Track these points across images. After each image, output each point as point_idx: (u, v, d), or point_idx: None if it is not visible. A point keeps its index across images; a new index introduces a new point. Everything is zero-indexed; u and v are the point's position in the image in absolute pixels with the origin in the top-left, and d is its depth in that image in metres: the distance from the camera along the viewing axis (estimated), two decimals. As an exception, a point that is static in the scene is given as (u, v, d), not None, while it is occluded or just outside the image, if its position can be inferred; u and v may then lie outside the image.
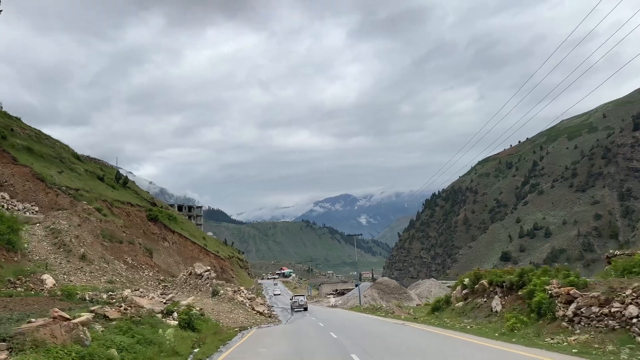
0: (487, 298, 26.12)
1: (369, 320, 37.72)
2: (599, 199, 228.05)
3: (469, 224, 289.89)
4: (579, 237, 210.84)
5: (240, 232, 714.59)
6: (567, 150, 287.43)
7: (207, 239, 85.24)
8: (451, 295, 32.60)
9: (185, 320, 22.63)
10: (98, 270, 30.85)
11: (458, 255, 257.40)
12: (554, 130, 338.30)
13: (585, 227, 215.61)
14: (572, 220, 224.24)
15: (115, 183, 69.50)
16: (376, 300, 68.17)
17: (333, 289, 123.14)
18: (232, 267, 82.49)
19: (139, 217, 57.86)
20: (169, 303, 27.14)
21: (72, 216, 35.77)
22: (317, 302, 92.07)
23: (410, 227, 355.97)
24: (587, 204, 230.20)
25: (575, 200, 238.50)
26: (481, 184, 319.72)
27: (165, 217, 68.87)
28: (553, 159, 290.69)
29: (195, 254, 68.11)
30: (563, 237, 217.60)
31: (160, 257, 52.01)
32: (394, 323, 31.52)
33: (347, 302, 77.67)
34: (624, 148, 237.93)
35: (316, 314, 51.05)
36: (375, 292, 73.18)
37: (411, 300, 72.71)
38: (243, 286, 62.45)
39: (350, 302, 75.26)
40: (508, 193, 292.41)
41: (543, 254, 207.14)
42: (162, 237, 61.95)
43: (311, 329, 29.99)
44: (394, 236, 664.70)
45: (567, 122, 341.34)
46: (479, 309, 26.40)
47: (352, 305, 71.68)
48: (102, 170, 73.49)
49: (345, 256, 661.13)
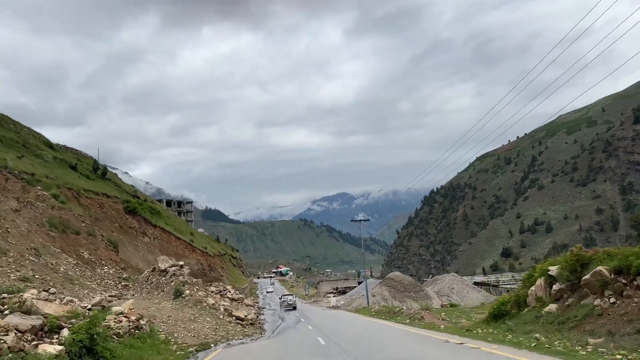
0: (618, 297, 15.73)
1: (391, 330, 27.11)
2: (600, 193, 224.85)
3: (468, 220, 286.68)
4: (581, 232, 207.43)
5: (238, 232, 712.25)
6: (567, 145, 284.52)
7: (195, 235, 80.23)
8: (526, 293, 21.45)
9: (82, 344, 13.34)
10: (14, 262, 25.72)
11: (458, 251, 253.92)
12: (553, 125, 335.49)
13: (587, 222, 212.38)
14: (574, 215, 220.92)
15: (92, 173, 64.84)
16: (387, 299, 59.60)
17: (333, 287, 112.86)
18: (222, 265, 78.01)
19: (114, 209, 53.23)
20: (96, 308, 20.75)
21: (8, 200, 31.52)
22: (315, 303, 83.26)
23: (408, 224, 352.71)
24: (589, 199, 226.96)
25: (576, 195, 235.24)
26: (480, 179, 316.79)
27: (146, 210, 64.37)
28: (552, 153, 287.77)
29: (180, 250, 63.92)
30: (565, 232, 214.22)
31: (138, 253, 47.87)
32: (441, 340, 20.53)
33: (351, 303, 67.52)
34: (624, 141, 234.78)
35: (314, 319, 41.16)
36: (386, 290, 62.81)
37: (430, 300, 60.10)
38: (232, 285, 58.27)
39: (356, 303, 65.37)
40: (507, 188, 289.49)
41: (545, 249, 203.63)
42: (141, 232, 57.18)
43: (307, 347, 21.47)
44: (392, 234, 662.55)
45: (565, 117, 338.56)
46: (603, 319, 15.70)
47: (357, 306, 61.24)
48: (79, 160, 69.18)
49: (343, 254, 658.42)
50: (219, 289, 44.06)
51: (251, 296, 73.22)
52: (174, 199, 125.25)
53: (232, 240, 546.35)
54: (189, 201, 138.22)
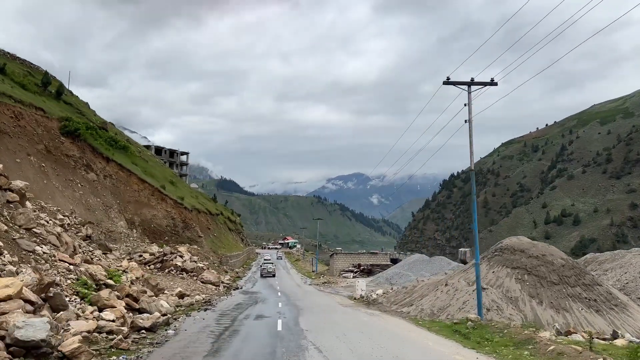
0: None
1: None
2: (636, 187, 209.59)
3: (489, 207, 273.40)
4: (612, 227, 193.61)
5: (251, 204, 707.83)
6: (600, 135, 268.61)
7: (178, 185, 66.07)
8: None
9: None
10: None
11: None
12: (585, 114, 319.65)
13: (619, 217, 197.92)
14: (605, 208, 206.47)
15: (38, 87, 52.59)
16: (516, 302, 26.05)
17: (353, 262, 76.79)
18: (209, 225, 64.78)
19: (42, 126, 40.24)
20: None
21: None
22: (326, 288, 52.18)
23: (425, 207, 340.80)
24: (622, 192, 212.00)
25: (609, 188, 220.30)
26: (504, 166, 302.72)
27: (100, 138, 49.89)
28: (583, 143, 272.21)
29: (143, 197, 49.00)
30: (594, 226, 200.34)
31: (73, 192, 37.37)
32: None
33: (406, 297, 33.17)
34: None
35: None
36: (513, 280, 27.48)
37: (625, 310, 26.43)
38: (216, 250, 46.57)
39: (410, 297, 32.65)
40: (533, 177, 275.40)
41: (571, 242, 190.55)
42: (84, 164, 42.90)
43: None
44: (405, 217, 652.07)
45: (599, 107, 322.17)
46: None
47: (422, 305, 28.98)
48: (31, 73, 56.72)
49: (355, 234, 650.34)
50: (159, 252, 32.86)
51: (242, 267, 61.72)
52: (165, 148, 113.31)
53: (245, 211, 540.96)
54: (184, 152, 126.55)
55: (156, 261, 36.82)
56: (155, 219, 47.91)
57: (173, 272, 36.61)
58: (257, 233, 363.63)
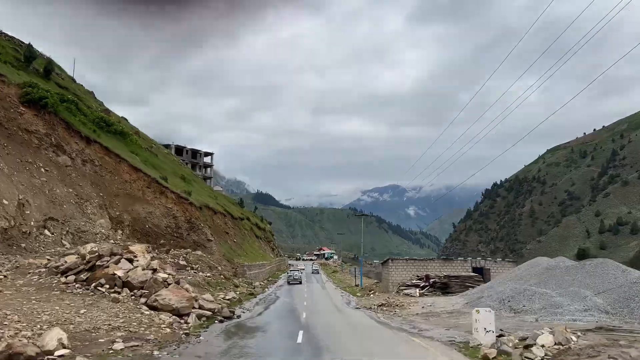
0: None
1: None
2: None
3: (535, 217, 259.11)
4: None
5: (287, 217, 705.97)
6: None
7: (191, 182, 56.34)
8: None
9: None
10: None
11: (525, 250, 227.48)
12: (637, 117, 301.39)
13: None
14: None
15: (20, 63, 43.47)
16: None
17: (417, 273, 53.64)
18: (226, 230, 55.25)
19: None
20: None
21: None
22: (384, 312, 33.60)
23: (466, 218, 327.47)
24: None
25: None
26: (550, 173, 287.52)
27: (78, 113, 40.23)
28: (637, 147, 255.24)
29: (137, 189, 39.88)
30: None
31: (31, 179, 29.30)
32: None
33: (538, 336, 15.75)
34: None
35: None
36: None
37: None
38: (225, 254, 38.11)
39: None
40: (582, 184, 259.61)
41: (629, 252, 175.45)
42: (52, 144, 34.05)
43: None
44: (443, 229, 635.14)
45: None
46: None
47: None
48: (17, 50, 49.94)
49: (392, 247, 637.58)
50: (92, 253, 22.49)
51: (266, 280, 53.24)
52: (187, 147, 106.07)
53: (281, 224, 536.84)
54: (209, 153, 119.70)
55: (82, 269, 23.87)
56: (152, 217, 39.81)
57: (103, 289, 22.78)
58: (293, 245, 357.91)
